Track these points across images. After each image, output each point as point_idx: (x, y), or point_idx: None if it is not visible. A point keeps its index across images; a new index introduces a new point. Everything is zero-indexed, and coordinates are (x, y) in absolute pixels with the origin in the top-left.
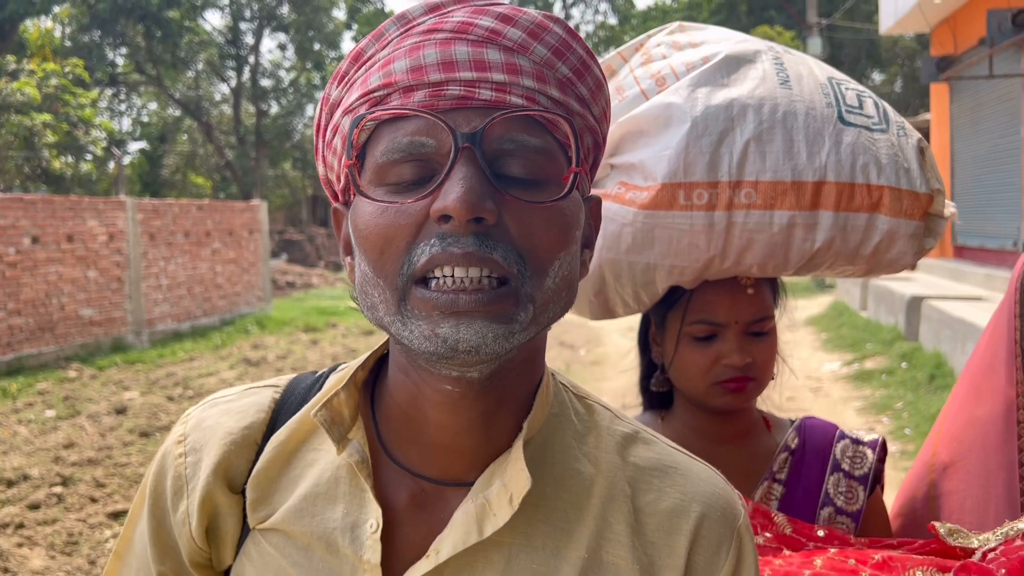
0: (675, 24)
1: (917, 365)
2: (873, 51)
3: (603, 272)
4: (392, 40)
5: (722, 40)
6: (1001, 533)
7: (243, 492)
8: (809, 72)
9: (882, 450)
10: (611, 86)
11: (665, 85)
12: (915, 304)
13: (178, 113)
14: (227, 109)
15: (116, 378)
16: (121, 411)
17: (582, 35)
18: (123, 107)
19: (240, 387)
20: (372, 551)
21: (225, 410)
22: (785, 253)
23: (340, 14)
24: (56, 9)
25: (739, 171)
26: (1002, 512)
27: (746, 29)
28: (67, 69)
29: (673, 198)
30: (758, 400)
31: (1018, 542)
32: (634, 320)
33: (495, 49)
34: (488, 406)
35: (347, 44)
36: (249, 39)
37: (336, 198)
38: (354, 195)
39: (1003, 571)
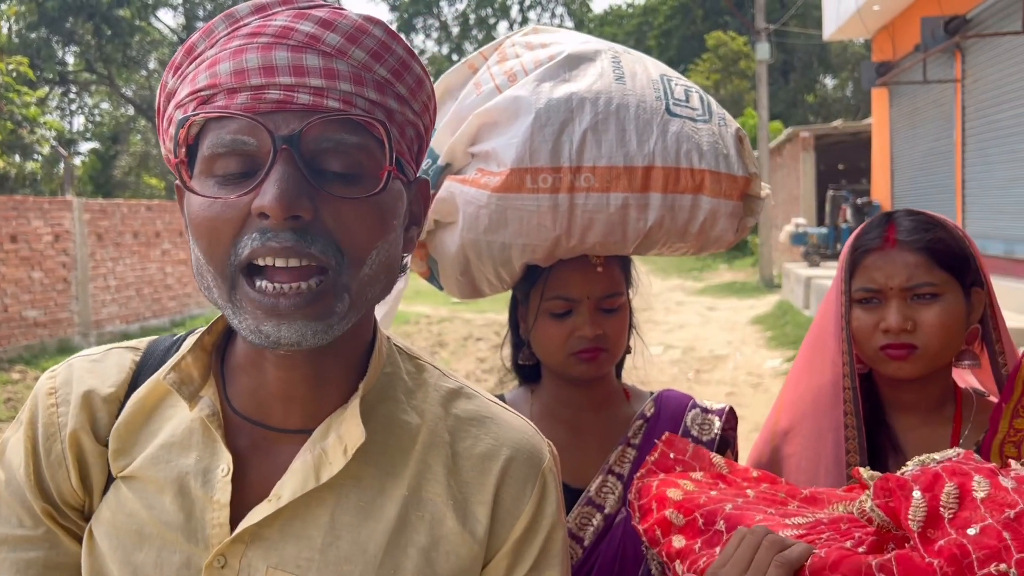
0: (530, 27)
1: None
2: (824, 56)
3: (466, 252)
4: (220, 39)
5: (568, 41)
6: (919, 461)
7: (106, 444)
8: (644, 70)
9: (730, 417)
10: (471, 83)
11: (516, 80)
12: None
13: (131, 113)
14: None
15: None
16: None
17: None
18: (74, 106)
19: (103, 347)
20: (222, 492)
21: (90, 368)
22: (623, 231)
23: None
24: (3, 6)
25: (578, 157)
26: (831, 470)
27: (701, 34)
28: (11, 67)
29: (521, 182)
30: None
31: (932, 466)
32: None
33: (313, 55)
34: (320, 366)
35: None
36: None
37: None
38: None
39: (918, 484)
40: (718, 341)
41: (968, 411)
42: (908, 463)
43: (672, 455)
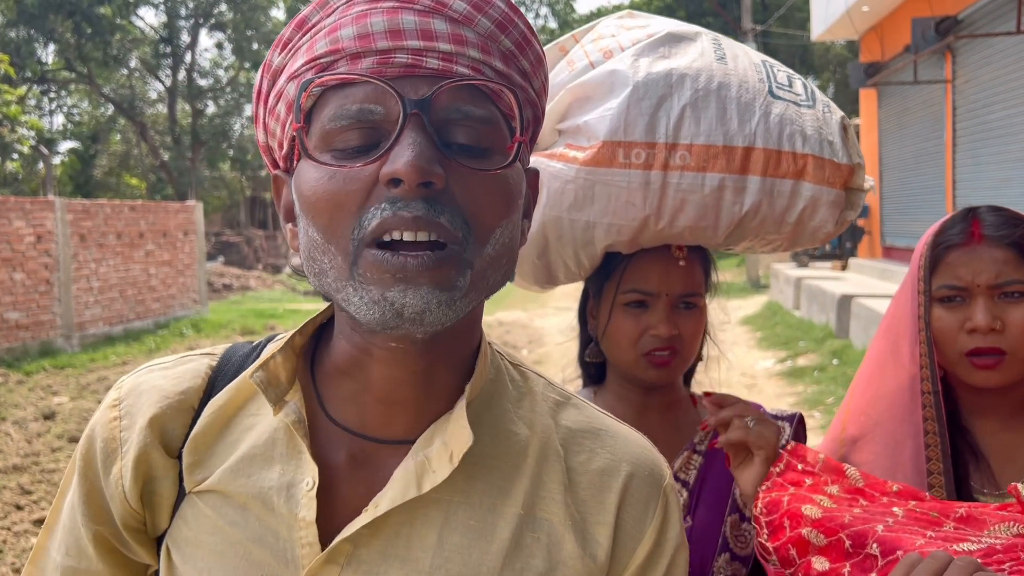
0: (625, 12)
1: (848, 361)
2: (807, 58)
3: (545, 231)
4: (338, 8)
5: (666, 23)
6: None
7: (179, 457)
8: (744, 53)
9: (799, 425)
10: (563, 61)
11: (611, 57)
12: (845, 303)
13: (111, 112)
14: (162, 108)
15: (44, 383)
16: (49, 416)
17: None
18: (53, 105)
19: (175, 356)
20: (307, 508)
21: (161, 375)
22: (716, 216)
23: (279, 13)
24: None
25: (675, 134)
26: (910, 479)
27: None
28: None
29: (613, 156)
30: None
31: None
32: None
33: (441, 19)
34: (429, 362)
35: None
36: (185, 37)
37: (276, 166)
38: (298, 160)
39: None
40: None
41: None
42: None
43: (800, 466)
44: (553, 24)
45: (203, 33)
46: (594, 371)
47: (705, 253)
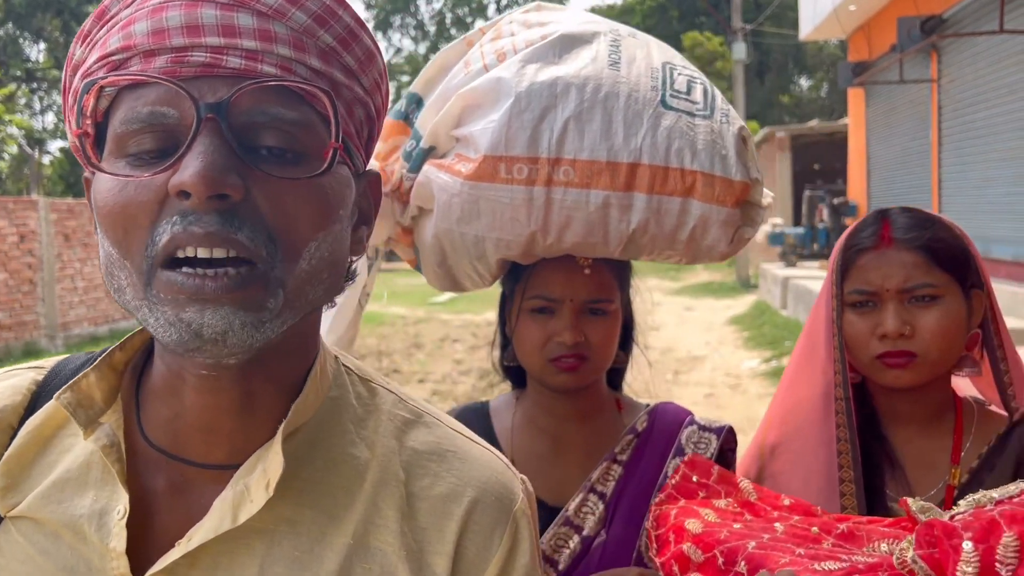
0: (534, 4)
1: None
2: (800, 57)
3: (441, 243)
4: None
5: (569, 21)
6: (973, 500)
7: None
8: (646, 55)
9: (729, 437)
10: (460, 63)
11: (504, 60)
12: None
13: None
14: None
15: None
16: None
17: None
18: (44, 104)
19: (3, 369)
20: (118, 539)
21: None
22: (604, 233)
23: None
24: None
25: (558, 148)
26: (823, 488)
27: (677, 34)
28: None
29: (495, 171)
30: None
31: (988, 507)
32: None
33: (247, 14)
34: (249, 389)
35: None
36: None
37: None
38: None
39: (969, 533)
40: (696, 342)
41: (969, 422)
42: (961, 502)
43: (695, 478)
44: None
45: None
46: (515, 375)
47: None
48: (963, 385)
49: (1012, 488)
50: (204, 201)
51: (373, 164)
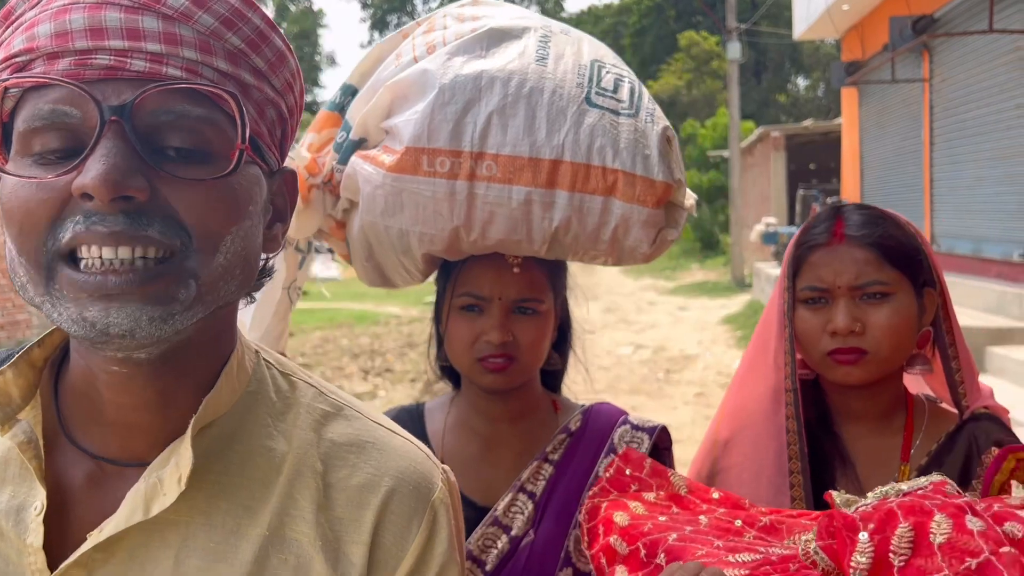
0: None
1: None
2: (797, 56)
3: (366, 235)
4: None
5: (501, 15)
6: (880, 492)
7: None
8: (575, 53)
9: (662, 436)
10: (392, 54)
11: (433, 52)
12: None
13: None
14: None
15: None
16: None
17: None
18: None
19: None
20: (35, 534)
21: None
22: (528, 230)
23: (267, 11)
24: None
25: (481, 142)
26: (773, 481)
27: (674, 34)
28: None
29: (417, 163)
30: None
31: (892, 499)
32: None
33: (152, 16)
34: (164, 385)
35: None
36: None
37: None
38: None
39: (868, 524)
40: (689, 341)
41: (920, 419)
42: (868, 495)
43: (629, 471)
44: None
45: None
46: (452, 375)
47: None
48: (914, 383)
49: (923, 481)
50: (108, 203)
51: (304, 155)
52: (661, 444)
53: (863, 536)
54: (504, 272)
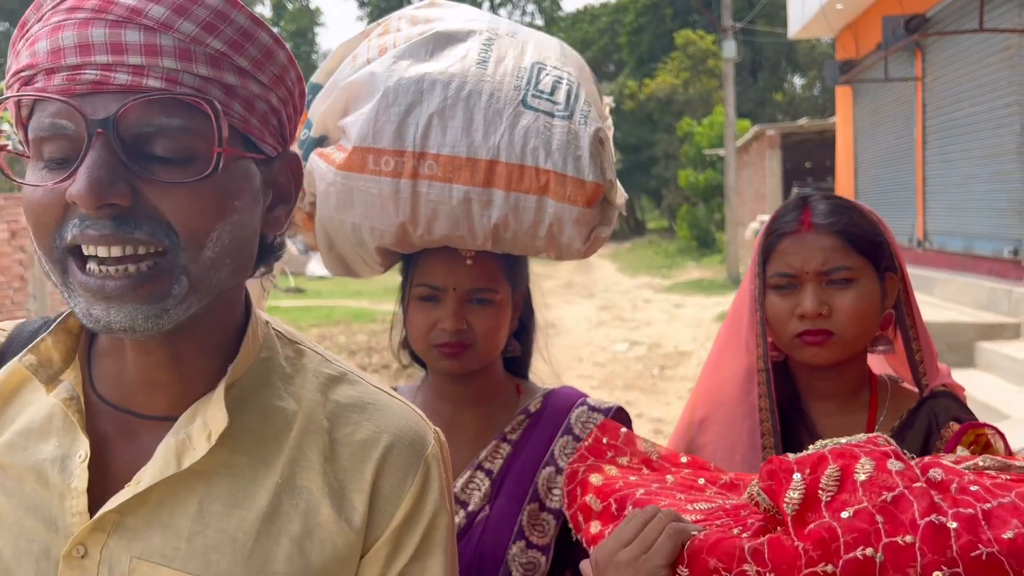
0: (426, 1)
1: None
2: (793, 56)
3: (325, 228)
4: (46, 13)
5: (451, 19)
6: (820, 444)
7: None
8: (517, 55)
9: (618, 415)
10: (350, 56)
11: (384, 54)
12: None
13: None
14: None
15: None
16: None
17: None
18: None
19: None
20: (80, 479)
21: None
22: (469, 227)
23: (264, 9)
24: None
25: (423, 143)
26: (747, 457)
27: (670, 32)
28: None
29: (364, 162)
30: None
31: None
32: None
33: (134, 30)
34: (177, 350)
35: None
36: None
37: None
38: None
39: (807, 468)
40: (683, 338)
41: (883, 397)
42: (810, 447)
43: (605, 440)
44: (539, 21)
45: None
46: (420, 360)
47: None
48: (877, 363)
49: (861, 436)
50: (94, 211)
51: None
52: (621, 422)
53: (796, 476)
54: (458, 264)
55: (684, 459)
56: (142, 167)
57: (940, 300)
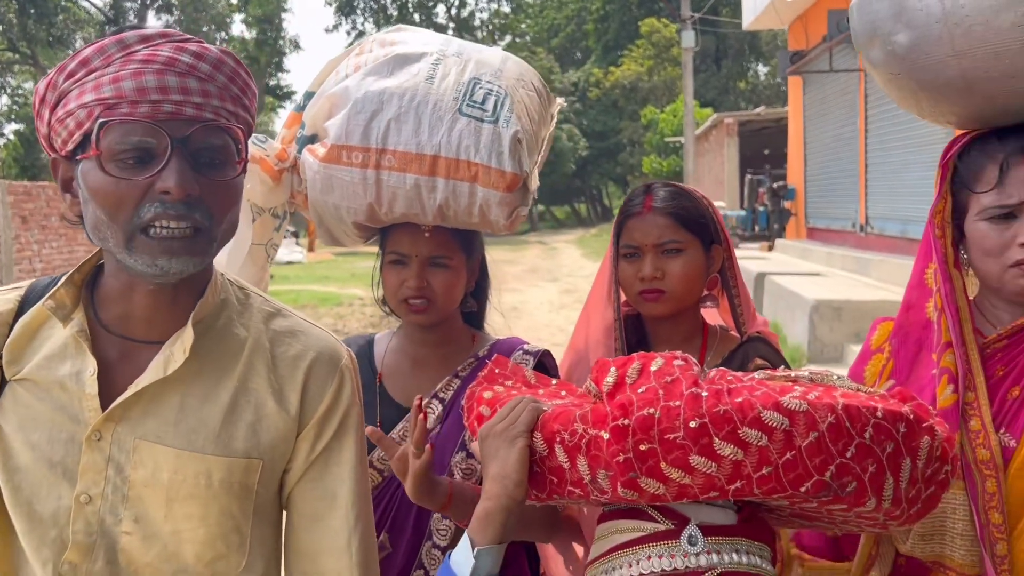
0: (397, 26)
1: None
2: (756, 45)
3: (315, 207)
4: (116, 59)
5: (412, 43)
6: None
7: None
8: (458, 72)
9: (545, 357)
10: (334, 71)
11: (358, 71)
12: (760, 280)
13: None
14: None
15: None
16: None
17: (477, 22)
18: None
19: None
20: (91, 387)
21: None
22: (421, 206)
23: None
24: None
25: (383, 141)
26: None
27: (635, 20)
28: None
29: (339, 156)
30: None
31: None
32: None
33: (194, 79)
34: (173, 294)
35: (236, 27)
36: (132, 18)
37: (53, 150)
38: (86, 158)
39: (620, 366)
40: None
41: (713, 342)
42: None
43: (497, 371)
44: (507, 8)
45: (150, 14)
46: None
47: None
48: (712, 316)
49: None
50: (180, 198)
51: (276, 146)
52: (547, 363)
53: (612, 369)
54: (418, 236)
55: (554, 383)
56: (199, 171)
57: (876, 281)
